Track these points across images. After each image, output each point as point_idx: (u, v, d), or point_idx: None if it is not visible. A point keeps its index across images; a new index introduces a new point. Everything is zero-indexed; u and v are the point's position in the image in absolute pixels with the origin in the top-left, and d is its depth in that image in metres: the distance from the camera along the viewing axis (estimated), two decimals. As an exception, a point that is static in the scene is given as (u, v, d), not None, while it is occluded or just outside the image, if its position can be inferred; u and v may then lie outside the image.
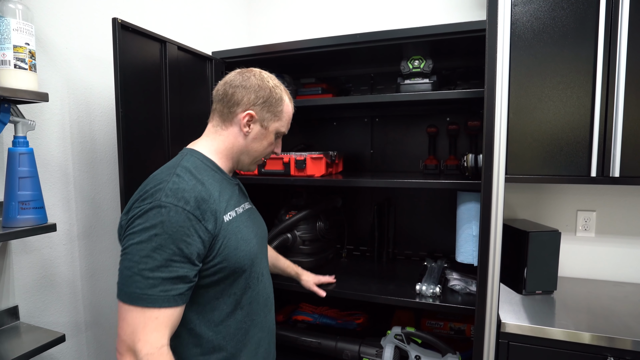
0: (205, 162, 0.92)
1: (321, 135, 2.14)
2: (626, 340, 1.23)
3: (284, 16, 2.22)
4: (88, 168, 1.35)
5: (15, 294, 1.15)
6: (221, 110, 0.96)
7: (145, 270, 0.74)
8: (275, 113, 0.98)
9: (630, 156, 1.39)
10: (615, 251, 1.75)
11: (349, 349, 1.68)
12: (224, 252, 0.85)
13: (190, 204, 0.79)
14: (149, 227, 0.76)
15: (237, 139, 0.96)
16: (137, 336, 0.74)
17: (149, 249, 0.75)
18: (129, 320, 0.75)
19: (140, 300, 0.74)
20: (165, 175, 0.84)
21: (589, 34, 1.40)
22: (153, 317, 0.75)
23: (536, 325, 1.31)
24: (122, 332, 0.76)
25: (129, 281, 0.75)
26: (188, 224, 0.78)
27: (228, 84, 0.96)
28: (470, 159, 1.43)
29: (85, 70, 1.33)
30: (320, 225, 1.81)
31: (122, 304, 0.76)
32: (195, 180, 0.84)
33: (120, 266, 0.78)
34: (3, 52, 0.94)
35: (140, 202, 0.80)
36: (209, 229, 0.81)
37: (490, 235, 1.11)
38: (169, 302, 0.76)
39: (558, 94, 1.45)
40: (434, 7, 1.94)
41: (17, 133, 1.00)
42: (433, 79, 1.49)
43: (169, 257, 0.76)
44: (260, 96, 0.95)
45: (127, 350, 0.75)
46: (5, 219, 0.98)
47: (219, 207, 0.86)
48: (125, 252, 0.78)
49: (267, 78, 0.98)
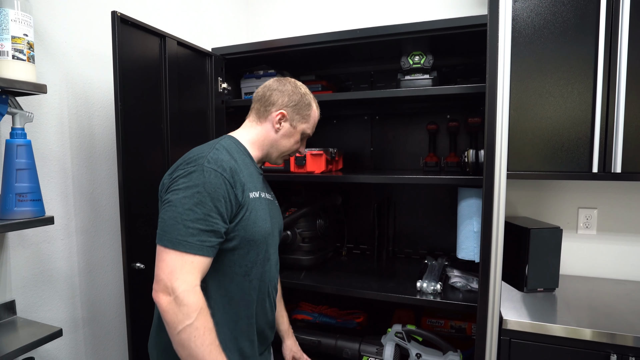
0: (239, 147, 1.07)
1: (321, 134, 2.12)
2: (628, 336, 1.22)
3: (284, 12, 2.22)
4: (87, 163, 1.35)
5: (12, 289, 1.14)
6: (258, 108, 1.12)
7: (187, 221, 0.87)
8: (303, 116, 1.14)
9: (632, 152, 1.38)
10: (616, 249, 1.74)
11: (349, 347, 1.66)
12: (243, 222, 0.97)
13: (227, 171, 0.94)
14: (192, 186, 0.89)
15: (269, 133, 1.11)
16: (175, 275, 0.85)
17: (191, 204, 0.88)
18: (169, 262, 0.87)
19: (180, 246, 0.87)
20: (206, 148, 1.00)
21: (590, 29, 1.39)
22: (189, 261, 0.87)
23: (538, 322, 1.30)
24: (160, 272, 0.87)
25: (172, 229, 0.88)
26: (223, 187, 0.92)
27: (267, 87, 1.13)
28: (471, 154, 1.42)
29: (84, 64, 1.33)
30: (320, 223, 1.80)
31: (163, 248, 0.88)
32: (230, 156, 0.99)
33: (163, 216, 0.91)
34: (1, 42, 0.93)
35: (185, 165, 0.94)
36: (237, 196, 0.95)
37: (492, 231, 1.10)
38: (202, 251, 0.88)
39: (559, 90, 1.45)
40: (433, 4, 1.94)
41: (15, 125, 0.99)
42: (433, 74, 1.49)
43: (207, 212, 0.89)
44: (292, 100, 1.11)
45: (163, 289, 0.86)
46: (2, 211, 0.97)
47: (246, 183, 0.99)
48: (170, 203, 0.90)
49: (300, 86, 1.16)
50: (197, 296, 0.87)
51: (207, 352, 0.86)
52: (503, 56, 0.90)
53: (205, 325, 0.87)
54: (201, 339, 0.85)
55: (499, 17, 0.91)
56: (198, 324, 0.85)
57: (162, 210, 0.92)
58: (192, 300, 0.85)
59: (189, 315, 0.85)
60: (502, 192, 1.06)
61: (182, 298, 0.85)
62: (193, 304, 0.85)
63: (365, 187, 2.07)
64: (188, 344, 0.85)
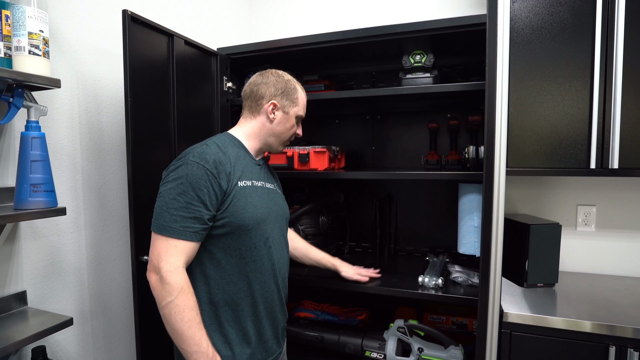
0: (233, 141, 1.15)
1: (323, 133, 2.16)
2: (627, 328, 1.24)
3: (285, 12, 2.27)
4: (95, 158, 1.38)
5: (24, 280, 1.16)
6: (250, 104, 1.20)
7: (171, 209, 0.98)
8: (292, 100, 1.20)
9: (628, 148, 1.41)
10: (615, 245, 1.76)
11: (351, 343, 1.68)
12: (232, 208, 1.04)
13: (210, 163, 1.02)
14: (177, 177, 1.00)
15: (265, 124, 1.19)
16: (161, 257, 0.97)
17: (175, 194, 0.98)
18: (157, 245, 0.98)
19: (165, 231, 0.97)
20: (198, 145, 1.09)
21: (587, 28, 1.43)
22: (173, 245, 0.97)
23: (538, 315, 1.32)
24: (151, 254, 0.99)
25: (159, 216, 0.99)
26: (205, 178, 1.00)
27: (252, 84, 1.20)
28: (471, 150, 1.45)
29: (94, 62, 1.36)
30: (323, 220, 1.82)
31: (154, 233, 0.99)
32: (218, 149, 1.07)
33: (155, 205, 1.02)
34: (18, 38, 0.96)
35: (176, 161, 1.05)
36: (222, 185, 1.03)
37: (492, 224, 1.12)
38: (186, 236, 0.98)
39: (557, 88, 1.48)
40: (432, 5, 1.99)
41: (30, 117, 1.02)
42: (434, 73, 1.53)
43: (189, 200, 0.98)
44: (278, 88, 1.18)
45: (153, 268, 0.98)
46: (17, 201, 0.99)
47: (234, 173, 1.06)
48: (160, 194, 1.02)
49: (282, 74, 1.22)
50: (179, 276, 0.97)
51: (186, 327, 0.96)
52: (502, 54, 0.94)
53: (185, 303, 0.96)
54: (180, 315, 0.96)
55: (497, 16, 0.94)
56: (178, 301, 0.96)
57: (156, 200, 1.03)
58: (174, 279, 0.96)
59: (170, 293, 0.95)
60: (502, 187, 1.08)
61: (165, 277, 0.95)
62: (175, 283, 0.96)
63: (367, 184, 2.10)
64: (169, 319, 0.96)
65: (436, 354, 1.53)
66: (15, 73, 0.94)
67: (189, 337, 0.96)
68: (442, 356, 1.52)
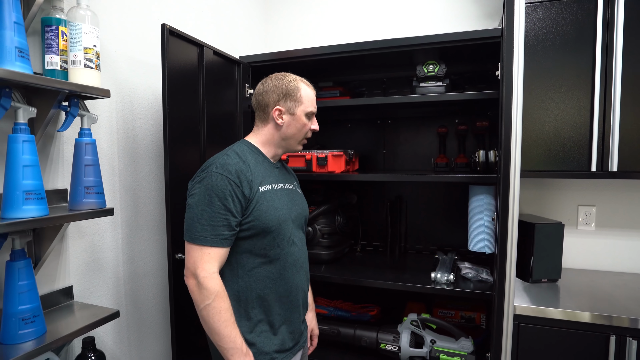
0: (251, 148, 1.22)
1: (336, 137, 2.26)
2: (624, 318, 1.35)
3: (298, 25, 2.37)
4: (130, 162, 1.46)
5: (70, 275, 1.24)
6: (259, 114, 1.25)
7: (201, 219, 1.06)
8: (296, 100, 1.21)
9: (627, 152, 1.52)
10: (614, 243, 1.87)
11: (367, 336, 1.77)
12: (255, 212, 1.11)
13: (232, 173, 1.08)
14: (203, 190, 1.07)
15: (276, 130, 1.23)
16: (197, 264, 1.05)
17: (203, 205, 1.06)
18: (192, 253, 1.06)
19: (198, 240, 1.05)
20: (219, 155, 1.15)
21: (588, 41, 1.54)
22: (207, 252, 1.06)
23: (544, 307, 1.42)
24: (187, 262, 1.07)
25: (191, 227, 1.07)
26: (229, 187, 1.07)
27: (257, 95, 1.25)
28: (481, 154, 1.55)
29: (130, 71, 1.45)
30: (338, 220, 1.92)
31: (188, 243, 1.07)
32: (238, 159, 1.13)
33: (185, 217, 1.10)
34: (75, 52, 1.05)
35: (200, 172, 1.12)
36: (245, 192, 1.09)
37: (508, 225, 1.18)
38: (217, 243, 1.06)
39: (560, 96, 1.59)
40: (439, 16, 2.09)
41: (83, 125, 1.11)
42: (446, 82, 1.63)
43: (217, 210, 1.06)
44: (280, 93, 1.20)
45: (190, 275, 1.06)
46: (72, 202, 1.08)
47: (255, 179, 1.13)
48: (189, 206, 1.10)
49: (281, 77, 1.23)
50: (214, 282, 1.06)
51: (222, 327, 1.05)
52: (517, 65, 1.03)
53: (221, 305, 1.05)
54: (218, 316, 1.05)
55: (514, 30, 1.04)
56: (215, 304, 1.05)
57: (186, 211, 1.11)
58: (211, 285, 1.05)
59: (208, 296, 1.04)
60: (517, 190, 1.14)
61: (202, 283, 1.04)
62: (211, 288, 1.05)
63: (378, 186, 2.19)
64: (207, 319, 1.05)
65: (448, 345, 1.63)
66: (74, 85, 1.02)
67: (226, 335, 1.05)
68: (453, 347, 1.61)
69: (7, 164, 0.92)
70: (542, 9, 1.58)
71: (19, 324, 0.96)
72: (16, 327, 0.96)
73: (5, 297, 0.96)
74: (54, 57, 1.06)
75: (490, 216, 1.58)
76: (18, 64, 0.91)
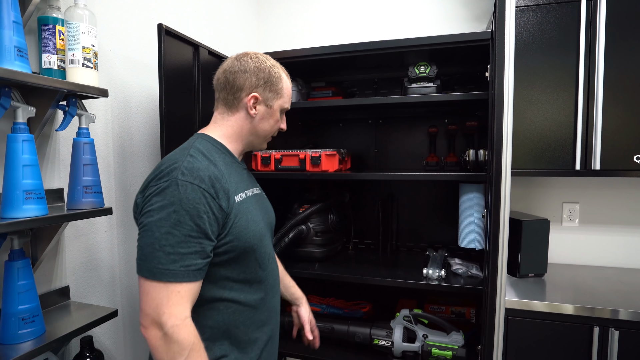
0: (216, 145, 0.97)
1: (328, 136, 2.29)
2: (605, 309, 1.42)
3: (291, 26, 2.39)
4: (125, 161, 1.46)
5: (67, 275, 1.24)
6: (225, 97, 1.00)
7: (166, 246, 0.78)
8: (277, 91, 1.02)
9: (609, 151, 1.59)
10: (597, 239, 1.95)
11: (360, 332, 1.80)
12: (235, 230, 0.88)
13: (205, 182, 0.84)
14: (167, 205, 0.80)
15: (245, 122, 1.01)
16: (162, 309, 0.77)
17: (168, 226, 0.79)
18: (153, 294, 0.78)
19: (163, 275, 0.78)
20: (179, 155, 0.88)
21: (572, 44, 1.60)
22: (176, 291, 0.79)
23: (532, 301, 1.48)
24: (146, 306, 0.79)
25: (150, 257, 0.79)
26: (204, 201, 0.82)
27: (228, 71, 1.00)
28: (471, 153, 1.60)
29: (125, 71, 1.44)
30: (332, 218, 1.94)
31: (145, 280, 0.79)
32: (208, 161, 0.89)
33: (139, 242, 0.81)
34: (73, 52, 1.05)
35: (157, 180, 0.84)
36: (222, 206, 0.86)
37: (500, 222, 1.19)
38: (189, 276, 0.80)
39: (546, 97, 1.65)
40: (431, 17, 2.14)
41: (81, 125, 1.11)
42: (437, 82, 1.67)
43: (187, 232, 0.79)
44: (260, 77, 0.98)
45: (151, 324, 0.78)
46: (70, 202, 1.08)
47: (230, 187, 0.90)
48: (145, 229, 0.81)
49: (263, 59, 1.02)
50: (187, 330, 0.80)
51: None
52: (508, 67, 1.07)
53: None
54: None
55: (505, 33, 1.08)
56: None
57: (139, 236, 0.83)
58: (183, 336, 0.79)
59: (181, 353, 0.78)
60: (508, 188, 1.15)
61: (171, 334, 0.78)
62: (184, 340, 0.79)
63: (370, 185, 2.23)
64: None
65: (440, 339, 1.67)
66: (72, 84, 1.02)
67: None
68: (445, 341, 1.66)
69: (7, 164, 0.92)
70: (529, 13, 1.64)
71: (19, 324, 0.96)
72: (16, 327, 0.96)
73: (5, 297, 0.96)
74: (51, 56, 1.06)
75: (480, 213, 1.63)
76: (17, 63, 0.91)
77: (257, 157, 1.84)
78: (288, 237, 1.82)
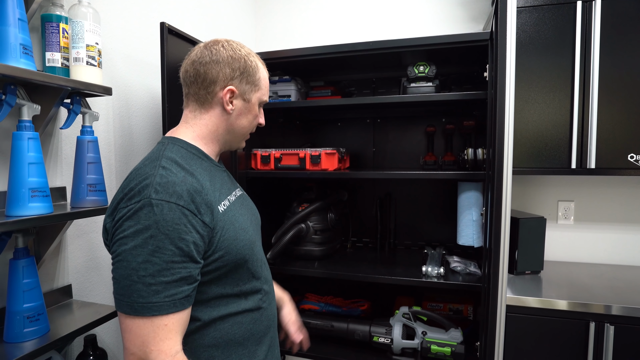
0: (191, 150, 0.86)
1: (326, 135, 2.30)
2: (599, 305, 1.45)
3: (290, 25, 2.39)
4: (126, 160, 1.46)
5: (69, 274, 1.24)
6: (197, 92, 0.88)
7: (146, 277, 0.69)
8: (254, 82, 0.91)
9: (604, 150, 1.62)
10: (591, 236, 1.98)
11: (360, 330, 1.82)
12: (223, 244, 0.80)
13: (184, 198, 0.74)
14: (143, 229, 0.70)
15: (221, 120, 0.90)
16: (149, 347, 0.70)
17: (146, 253, 0.69)
18: (137, 332, 0.70)
19: (145, 310, 0.69)
20: (149, 168, 0.77)
21: (568, 45, 1.63)
22: (162, 324, 0.70)
23: (529, 297, 1.51)
24: (130, 344, 0.71)
25: (129, 291, 0.69)
26: (184, 220, 0.72)
27: (197, 62, 0.87)
28: (470, 152, 1.62)
29: (126, 69, 1.44)
30: (330, 217, 1.95)
31: (126, 316, 0.71)
32: (184, 172, 0.78)
33: (114, 274, 0.72)
34: (77, 50, 1.05)
35: (127, 201, 0.73)
36: (206, 222, 0.77)
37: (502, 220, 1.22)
38: (176, 307, 0.71)
39: (542, 97, 1.68)
40: (429, 18, 2.16)
41: (85, 123, 1.11)
42: (436, 82, 1.69)
43: (169, 259, 0.70)
44: (235, 68, 0.87)
45: None
46: (75, 200, 1.08)
47: (212, 198, 0.81)
48: (119, 259, 0.71)
49: (237, 47, 0.90)
50: None
51: None
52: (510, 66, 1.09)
53: None
54: None
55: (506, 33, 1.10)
56: None
57: (112, 266, 0.73)
58: None
59: None
60: (509, 186, 1.17)
61: None
62: None
63: (369, 184, 2.24)
64: None
65: (439, 336, 1.69)
66: (77, 82, 1.02)
67: None
68: (444, 338, 1.68)
69: (12, 162, 0.92)
70: (526, 14, 1.66)
71: (24, 322, 0.96)
72: (21, 325, 0.96)
73: (10, 296, 0.96)
74: (54, 54, 1.06)
75: (478, 211, 1.65)
76: (23, 61, 0.91)
77: (257, 155, 1.84)
78: (288, 235, 1.83)
